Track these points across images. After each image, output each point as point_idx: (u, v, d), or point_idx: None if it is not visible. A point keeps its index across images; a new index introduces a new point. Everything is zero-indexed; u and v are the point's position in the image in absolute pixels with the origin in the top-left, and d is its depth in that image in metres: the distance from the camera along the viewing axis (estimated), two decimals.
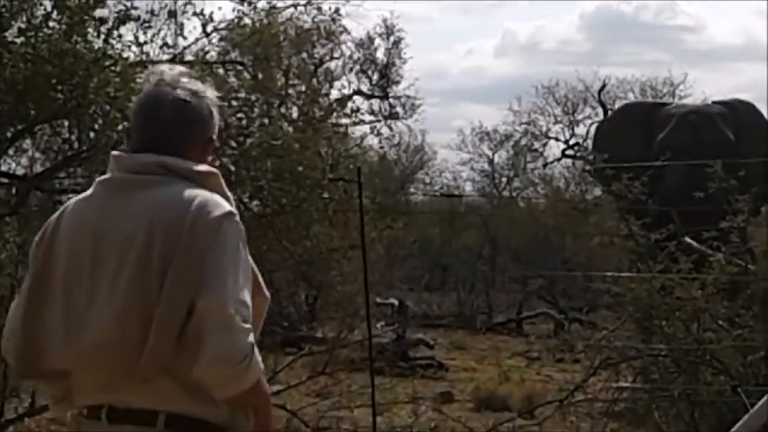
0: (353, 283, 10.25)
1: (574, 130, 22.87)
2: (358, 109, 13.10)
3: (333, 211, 8.27)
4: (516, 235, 19.41)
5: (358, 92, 17.63)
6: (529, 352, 13.64)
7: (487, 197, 22.26)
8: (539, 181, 22.15)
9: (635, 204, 8.98)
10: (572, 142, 22.54)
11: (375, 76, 17.91)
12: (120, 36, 7.23)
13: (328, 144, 9.19)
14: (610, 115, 16.79)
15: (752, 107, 13.61)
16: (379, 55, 17.82)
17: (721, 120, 12.86)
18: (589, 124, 21.61)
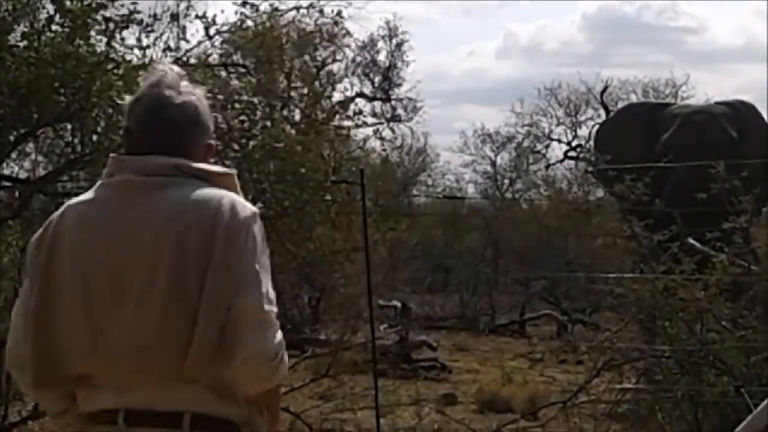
0: (356, 286, 10.24)
1: (577, 131, 22.93)
2: (360, 112, 13.17)
3: (336, 213, 8.28)
4: (519, 237, 19.39)
5: (361, 95, 17.66)
6: (532, 354, 13.61)
7: (489, 199, 22.24)
8: (542, 182, 22.16)
9: (638, 205, 8.97)
10: (575, 143, 22.57)
11: (377, 79, 17.93)
12: (123, 39, 7.25)
13: (331, 146, 9.21)
14: (612, 115, 16.72)
15: (753, 108, 13.59)
16: (382, 57, 17.86)
17: (725, 120, 12.82)
18: (592, 126, 21.59)
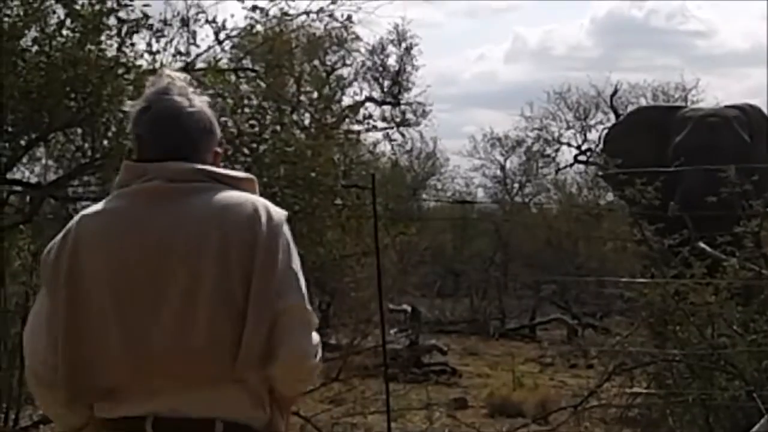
0: (366, 290, 10.24)
1: (587, 135, 22.84)
2: (370, 116, 13.18)
3: (346, 217, 8.28)
4: (528, 241, 19.35)
5: (370, 99, 17.66)
6: (543, 358, 13.61)
7: (499, 203, 22.21)
8: (552, 186, 22.12)
9: (649, 209, 8.96)
10: (584, 147, 22.51)
11: (387, 83, 17.93)
12: (133, 44, 7.26)
13: (341, 150, 9.20)
14: (622, 118, 16.68)
15: (761, 111, 13.59)
16: (391, 61, 17.85)
17: (737, 123, 12.82)
18: (602, 130, 21.54)
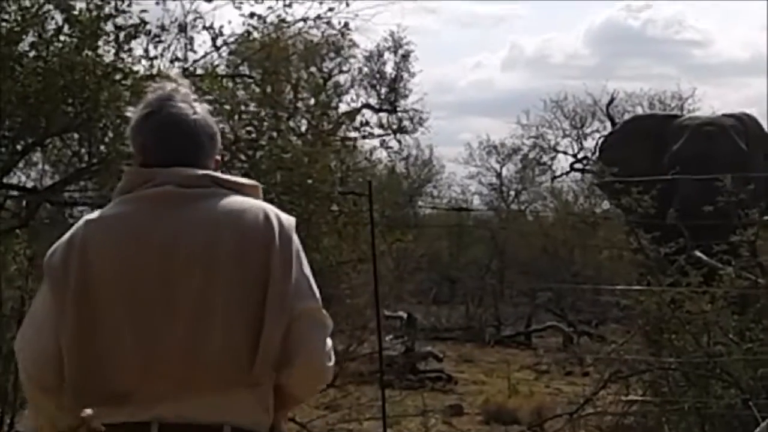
0: (362, 296, 10.24)
1: (583, 143, 22.89)
2: (367, 123, 13.16)
3: (343, 224, 8.28)
4: (524, 249, 19.37)
5: (367, 106, 17.67)
6: (538, 365, 13.62)
7: (495, 211, 22.23)
8: (548, 194, 22.15)
9: (645, 217, 8.97)
10: (581, 155, 22.54)
11: (383, 90, 17.94)
12: (130, 50, 7.26)
13: (337, 157, 9.20)
14: (619, 126, 16.69)
15: (756, 121, 13.64)
16: (388, 69, 17.87)
17: (734, 132, 12.86)
18: (598, 138, 21.59)
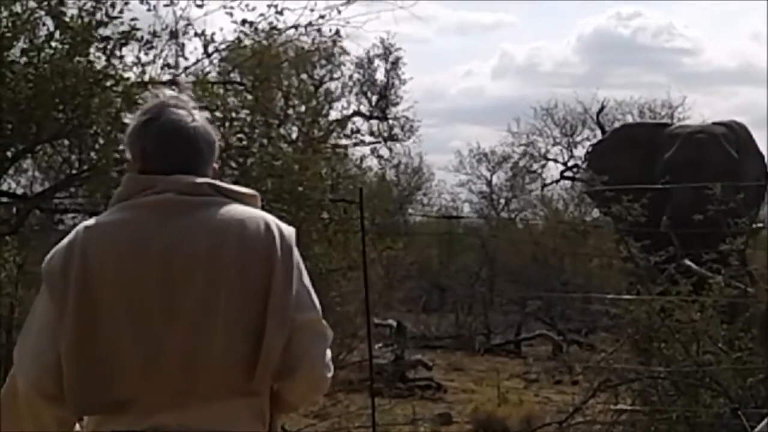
0: (352, 304, 10.24)
1: (573, 151, 22.91)
2: (358, 130, 13.16)
3: (333, 231, 8.28)
4: (514, 257, 19.37)
5: (358, 113, 17.66)
6: (528, 374, 13.61)
7: (485, 219, 22.22)
8: (538, 202, 22.14)
9: (634, 225, 8.98)
10: (571, 163, 22.55)
11: (374, 98, 17.94)
12: (122, 56, 7.25)
13: (328, 165, 9.20)
14: (608, 134, 16.72)
15: (746, 129, 13.71)
16: (379, 76, 17.87)
17: (725, 140, 12.93)
18: (588, 146, 21.62)
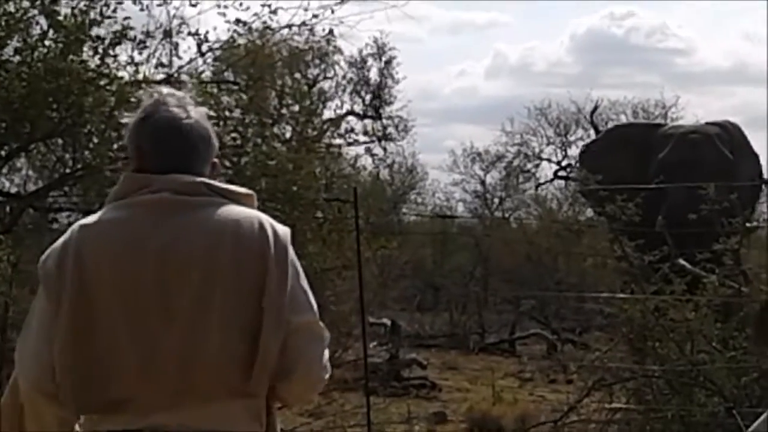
0: (346, 303, 10.24)
1: (567, 151, 22.92)
2: (352, 129, 13.18)
3: (327, 231, 8.28)
4: (508, 256, 19.36)
5: (351, 112, 17.66)
6: (522, 373, 13.61)
7: (479, 218, 22.22)
8: (531, 202, 22.15)
9: (628, 225, 8.99)
10: (565, 163, 22.56)
11: (368, 97, 17.94)
12: (115, 55, 7.25)
13: (322, 164, 9.20)
14: (601, 134, 16.71)
15: (740, 129, 13.73)
16: (372, 75, 17.87)
17: (719, 140, 12.96)
18: (582, 146, 21.63)
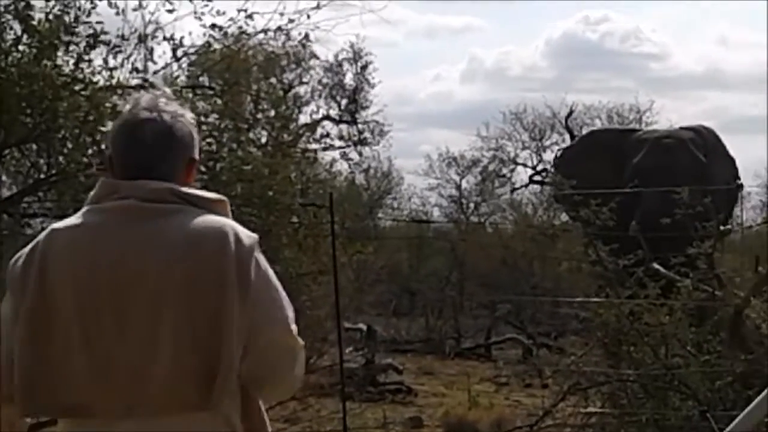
0: (322, 308, 10.23)
1: (542, 156, 23.00)
2: (327, 134, 13.18)
3: (303, 236, 8.27)
4: (484, 261, 19.39)
5: (327, 117, 17.67)
6: (498, 378, 13.64)
7: (455, 223, 22.24)
8: (507, 206, 22.21)
9: (603, 229, 9.02)
10: (540, 167, 22.64)
11: (344, 102, 17.95)
12: (90, 60, 7.21)
13: (298, 169, 9.18)
14: (577, 140, 16.81)
15: (714, 133, 13.81)
16: (348, 80, 17.89)
17: (693, 144, 13.03)
18: (557, 150, 21.69)
